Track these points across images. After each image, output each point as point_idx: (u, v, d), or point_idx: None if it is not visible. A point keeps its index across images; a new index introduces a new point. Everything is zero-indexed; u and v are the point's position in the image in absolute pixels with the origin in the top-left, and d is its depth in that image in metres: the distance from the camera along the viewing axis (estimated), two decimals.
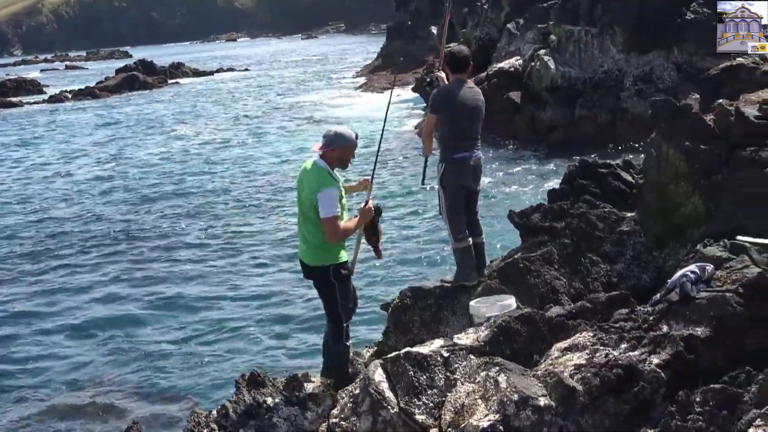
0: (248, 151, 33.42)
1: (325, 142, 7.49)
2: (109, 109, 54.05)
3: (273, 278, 16.49)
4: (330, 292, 7.59)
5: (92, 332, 14.28)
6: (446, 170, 8.31)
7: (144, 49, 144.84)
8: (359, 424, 6.33)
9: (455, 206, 8.41)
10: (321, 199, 7.27)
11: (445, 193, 8.37)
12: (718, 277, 6.36)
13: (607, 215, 9.33)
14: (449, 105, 8.24)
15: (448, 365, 6.50)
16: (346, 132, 7.52)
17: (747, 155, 7.89)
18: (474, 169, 8.44)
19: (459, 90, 8.29)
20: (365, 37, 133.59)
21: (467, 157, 8.29)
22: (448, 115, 8.26)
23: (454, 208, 8.40)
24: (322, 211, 7.26)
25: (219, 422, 7.24)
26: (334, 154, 7.46)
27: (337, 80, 63.97)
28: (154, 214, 23.35)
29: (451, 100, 8.25)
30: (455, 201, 8.40)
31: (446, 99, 8.27)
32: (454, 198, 8.38)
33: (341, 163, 7.56)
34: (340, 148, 7.45)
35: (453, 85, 8.35)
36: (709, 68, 26.65)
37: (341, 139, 7.44)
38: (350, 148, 7.52)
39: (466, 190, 8.46)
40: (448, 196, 8.37)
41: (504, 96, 29.20)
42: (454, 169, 8.29)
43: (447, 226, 8.49)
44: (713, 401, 5.12)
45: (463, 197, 8.46)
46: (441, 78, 8.69)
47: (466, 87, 8.39)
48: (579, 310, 7.10)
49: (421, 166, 8.83)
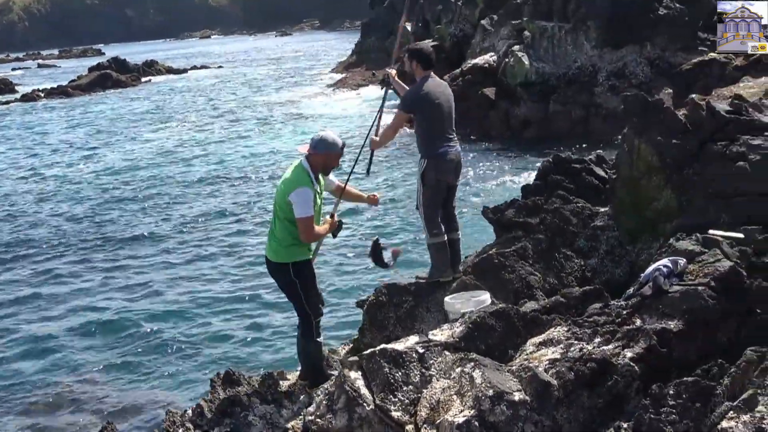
0: (222, 150, 33.26)
1: (310, 145, 7.50)
2: (81, 108, 53.60)
3: (248, 277, 16.43)
4: (293, 290, 7.57)
5: (65, 333, 14.18)
6: (428, 166, 8.31)
7: (117, 47, 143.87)
8: (335, 422, 6.32)
9: (434, 202, 8.43)
10: (295, 198, 7.26)
11: (425, 190, 8.38)
12: (691, 271, 6.40)
13: (580, 210, 9.37)
14: (427, 104, 8.27)
15: (424, 361, 6.50)
16: (330, 138, 7.49)
17: (718, 149, 7.94)
18: (456, 164, 8.48)
19: (432, 87, 8.34)
20: (340, 34, 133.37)
21: (448, 152, 8.33)
22: (427, 113, 8.28)
23: (432, 204, 8.42)
24: (296, 210, 7.25)
25: (194, 421, 7.22)
26: (318, 159, 7.45)
27: (312, 77, 63.78)
28: (128, 213, 23.21)
29: (427, 99, 8.27)
30: (435, 197, 8.42)
31: (422, 99, 8.27)
32: (434, 194, 8.40)
33: (324, 169, 7.55)
34: (322, 153, 7.43)
35: (426, 84, 8.35)
36: (681, 63, 26.89)
37: (323, 145, 7.43)
38: (333, 155, 7.49)
39: (446, 186, 8.49)
40: (427, 192, 8.37)
41: (478, 92, 29.27)
42: (436, 165, 8.31)
43: (423, 221, 8.50)
44: (686, 394, 5.15)
45: (443, 193, 8.49)
46: (392, 75, 8.77)
47: (436, 83, 8.43)
48: (553, 305, 7.12)
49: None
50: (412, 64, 8.44)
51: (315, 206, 7.39)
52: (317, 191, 7.48)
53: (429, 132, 8.33)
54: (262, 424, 6.90)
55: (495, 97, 29.11)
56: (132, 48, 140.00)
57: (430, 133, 8.33)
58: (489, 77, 29.88)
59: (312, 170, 7.44)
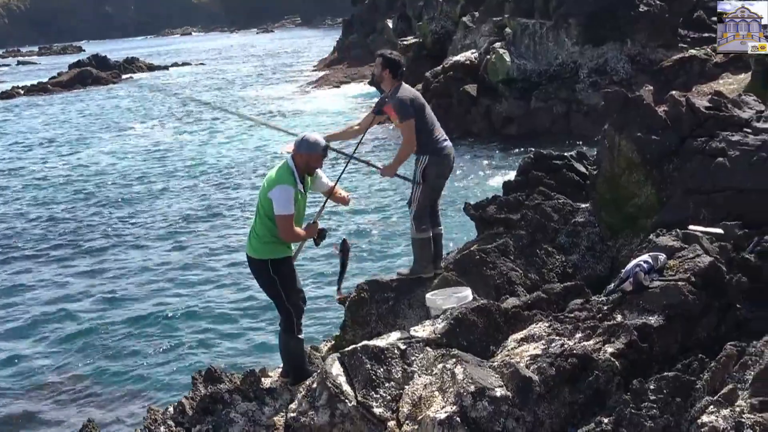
0: (203, 148, 33.18)
1: (294, 145, 7.48)
2: (61, 105, 53.33)
3: (229, 275, 16.40)
4: (273, 287, 7.54)
5: (44, 332, 14.13)
6: (430, 162, 8.33)
7: (98, 44, 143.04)
8: (317, 418, 6.31)
9: (430, 199, 8.48)
10: (275, 195, 7.24)
11: (424, 187, 8.38)
12: (671, 267, 6.43)
13: (561, 206, 9.40)
14: (418, 108, 8.33)
15: (405, 358, 6.50)
16: (312, 139, 7.45)
17: (698, 145, 7.98)
18: (453, 159, 8.55)
19: (411, 91, 8.43)
20: (321, 31, 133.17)
21: (448, 146, 8.40)
22: (420, 115, 8.33)
23: (427, 201, 8.45)
24: (276, 207, 7.23)
25: (176, 419, 7.19)
26: (301, 159, 7.43)
27: (293, 74, 63.69)
28: (107, 212, 23.11)
29: (416, 102, 8.34)
30: (432, 194, 8.48)
31: (413, 103, 8.31)
32: (431, 191, 8.45)
33: (306, 169, 7.51)
34: (303, 153, 7.41)
35: (406, 89, 8.40)
36: (661, 60, 27.02)
37: (304, 145, 7.39)
38: (314, 156, 7.44)
39: (444, 181, 8.56)
40: (426, 189, 8.38)
41: (460, 89, 29.30)
42: (438, 160, 8.35)
43: (412, 216, 8.50)
44: (667, 389, 5.17)
45: (440, 190, 8.57)
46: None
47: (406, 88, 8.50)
48: (534, 300, 7.13)
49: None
50: (384, 72, 8.43)
51: (296, 205, 7.37)
52: (300, 191, 7.45)
53: (429, 129, 8.36)
54: (244, 422, 6.88)
55: (477, 94, 29.15)
56: (112, 45, 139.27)
57: (429, 129, 8.36)
58: (471, 74, 29.92)
59: (297, 170, 7.42)
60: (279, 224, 7.24)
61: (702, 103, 8.44)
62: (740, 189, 7.42)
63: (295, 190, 7.32)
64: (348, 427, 6.19)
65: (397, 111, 8.31)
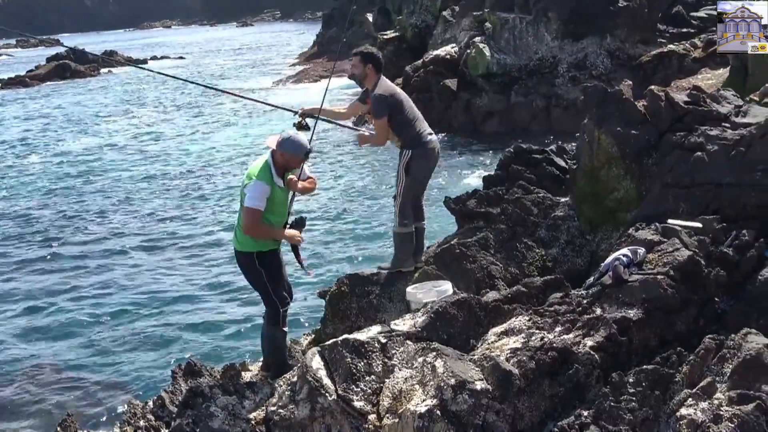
0: (182, 142, 33.07)
1: (277, 141, 7.45)
2: (39, 99, 52.99)
3: (209, 270, 16.37)
4: (258, 279, 7.55)
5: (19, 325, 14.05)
6: (414, 156, 8.33)
7: (76, 37, 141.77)
8: (297, 412, 6.31)
9: (414, 193, 8.48)
10: (249, 190, 7.25)
11: (407, 180, 8.37)
12: (650, 260, 6.46)
13: (541, 200, 9.42)
14: (397, 103, 8.32)
15: (386, 351, 6.50)
16: (296, 141, 7.42)
17: (677, 140, 8.01)
18: (438, 152, 8.55)
19: (391, 86, 8.45)
20: (301, 25, 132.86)
21: (432, 140, 8.40)
22: (400, 110, 8.32)
23: (412, 195, 8.46)
24: (246, 200, 7.24)
25: (156, 413, 7.17)
26: (281, 157, 7.41)
27: (272, 68, 63.51)
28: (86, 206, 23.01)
29: (395, 99, 8.34)
30: (417, 188, 8.49)
31: (391, 101, 8.31)
32: (417, 185, 8.47)
33: (284, 167, 7.49)
34: (284, 153, 7.39)
35: (385, 84, 8.39)
36: (641, 55, 27.13)
37: (284, 146, 7.37)
38: (294, 157, 7.41)
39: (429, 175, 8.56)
40: (410, 183, 8.38)
41: (440, 83, 29.30)
42: (423, 153, 8.34)
43: (397, 210, 8.50)
44: (646, 382, 5.20)
45: (425, 184, 8.57)
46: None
47: (390, 83, 8.51)
48: (514, 294, 7.15)
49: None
50: (366, 68, 8.42)
51: (275, 201, 7.35)
52: (280, 187, 7.43)
53: (411, 123, 8.36)
54: (224, 415, 6.86)
55: (457, 88, 29.16)
56: (91, 38, 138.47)
57: (412, 124, 8.36)
58: (451, 68, 29.91)
59: (275, 167, 7.40)
60: (245, 215, 7.26)
61: (681, 98, 8.48)
62: (718, 183, 7.47)
63: (271, 186, 7.30)
64: (328, 421, 6.19)
65: (372, 107, 8.34)
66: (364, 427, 5.96)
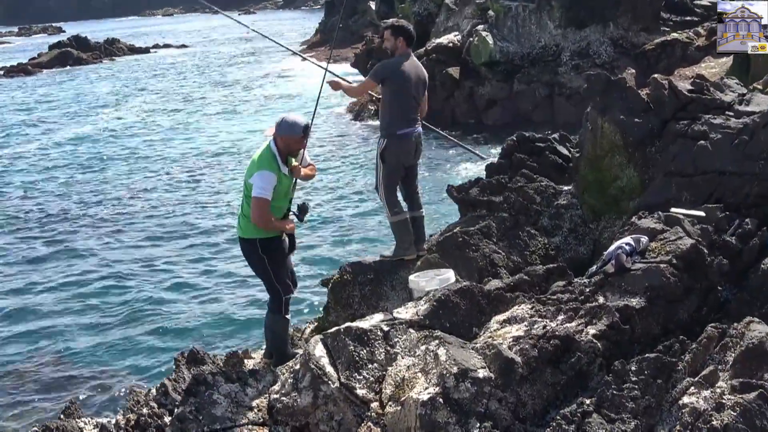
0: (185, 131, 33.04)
1: (275, 127, 7.44)
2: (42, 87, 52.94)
3: (213, 257, 16.38)
4: (261, 266, 7.55)
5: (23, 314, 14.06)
6: (388, 145, 8.32)
7: (78, 25, 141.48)
8: (300, 400, 6.32)
9: (392, 182, 8.46)
10: (255, 180, 7.25)
11: (384, 168, 8.38)
12: (653, 249, 6.45)
13: (544, 189, 9.41)
14: (397, 78, 8.27)
15: (388, 339, 6.51)
16: (292, 121, 7.40)
17: (680, 128, 8.00)
18: (416, 145, 8.50)
19: (408, 65, 8.34)
20: (303, 13, 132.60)
21: (409, 133, 8.35)
22: (394, 88, 8.29)
23: (391, 183, 8.44)
24: (254, 190, 7.24)
25: (158, 400, 7.18)
26: (282, 141, 7.40)
27: (275, 56, 63.39)
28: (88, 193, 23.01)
29: (399, 74, 8.28)
30: (393, 176, 8.45)
31: (394, 72, 8.27)
32: (392, 173, 8.42)
33: (288, 152, 7.47)
34: (282, 136, 7.37)
35: (402, 60, 8.33)
36: (644, 44, 27.06)
37: (282, 128, 7.36)
38: (293, 138, 7.39)
39: (407, 161, 8.51)
40: (387, 170, 8.38)
41: (443, 72, 29.24)
42: (396, 144, 8.32)
43: (384, 200, 8.51)
44: (648, 370, 5.20)
45: (401, 173, 8.52)
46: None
47: (413, 63, 8.44)
48: (517, 282, 7.15)
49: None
50: (398, 41, 8.39)
51: (280, 190, 7.34)
52: (285, 174, 7.43)
53: (393, 109, 8.33)
54: (227, 403, 6.88)
55: (459, 76, 29.11)
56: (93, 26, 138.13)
57: (393, 110, 8.33)
58: (453, 57, 29.84)
59: (279, 153, 7.39)
60: (254, 206, 7.25)
61: (684, 86, 8.46)
62: (722, 172, 7.46)
63: (277, 174, 7.29)
64: (331, 409, 6.21)
65: (373, 68, 8.36)
66: (367, 415, 5.98)
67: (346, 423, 6.14)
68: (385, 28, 8.70)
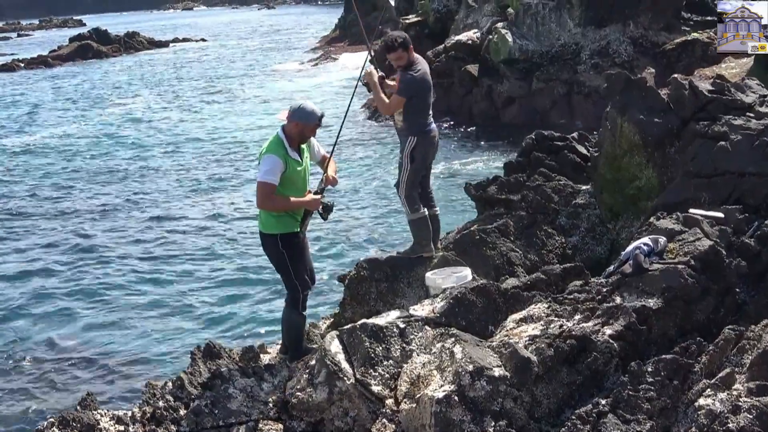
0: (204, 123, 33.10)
1: (288, 113, 7.45)
2: (61, 79, 53.17)
3: (228, 251, 16.41)
4: (281, 261, 7.55)
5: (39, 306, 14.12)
6: (418, 143, 8.34)
7: (98, 18, 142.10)
8: (315, 395, 6.34)
9: (416, 179, 8.47)
10: (261, 164, 7.28)
11: (412, 166, 8.39)
12: (671, 250, 6.44)
13: (562, 188, 9.40)
14: (424, 88, 8.34)
15: (404, 336, 6.52)
16: (309, 108, 7.41)
17: (700, 129, 7.97)
18: (437, 140, 8.56)
19: (424, 71, 8.39)
20: (323, 8, 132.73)
21: (434, 128, 8.41)
22: (422, 95, 8.33)
23: (414, 181, 8.45)
24: (258, 174, 7.26)
25: (175, 393, 7.21)
26: (293, 128, 7.40)
27: (295, 51, 63.47)
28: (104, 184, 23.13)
29: (424, 83, 8.34)
30: (417, 174, 8.47)
31: (421, 85, 8.31)
32: (418, 171, 8.45)
33: (300, 138, 7.48)
34: (297, 122, 7.38)
35: (419, 68, 8.35)
36: (664, 43, 26.92)
37: (297, 115, 7.37)
38: (308, 125, 7.40)
39: (429, 162, 8.55)
40: (414, 169, 8.39)
41: (461, 69, 29.20)
42: (425, 141, 8.35)
43: (404, 198, 8.51)
44: (664, 371, 5.19)
45: (425, 171, 8.56)
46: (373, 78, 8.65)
47: (423, 64, 8.47)
48: (534, 281, 7.15)
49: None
50: (409, 52, 8.38)
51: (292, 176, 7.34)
52: (296, 160, 7.42)
53: (418, 110, 8.35)
54: (243, 397, 6.91)
55: (478, 74, 29.04)
56: (113, 19, 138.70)
57: (419, 111, 8.35)
58: (472, 54, 29.77)
59: (287, 139, 7.39)
60: (257, 190, 7.27)
61: (705, 87, 8.43)
62: (741, 173, 7.43)
63: (285, 160, 7.28)
64: (346, 405, 6.23)
65: (402, 84, 8.31)
66: (382, 412, 6.00)
67: (360, 419, 6.16)
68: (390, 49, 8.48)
